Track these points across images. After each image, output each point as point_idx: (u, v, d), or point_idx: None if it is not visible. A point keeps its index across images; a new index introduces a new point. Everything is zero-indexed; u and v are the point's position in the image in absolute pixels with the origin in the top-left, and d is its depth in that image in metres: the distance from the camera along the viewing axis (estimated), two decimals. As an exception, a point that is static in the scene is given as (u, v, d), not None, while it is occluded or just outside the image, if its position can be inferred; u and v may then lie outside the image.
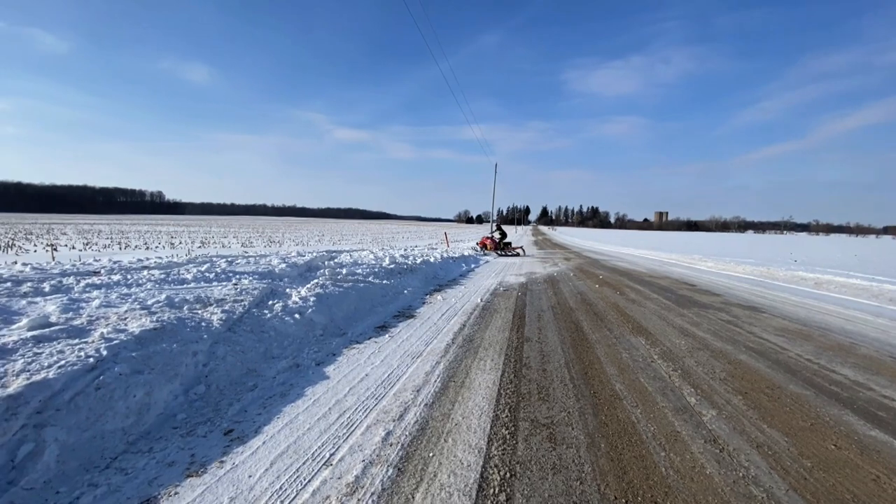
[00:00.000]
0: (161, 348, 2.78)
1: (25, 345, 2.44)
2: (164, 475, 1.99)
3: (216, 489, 1.90)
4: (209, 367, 2.99)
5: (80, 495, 1.82)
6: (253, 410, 2.68)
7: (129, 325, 2.93)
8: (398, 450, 2.25)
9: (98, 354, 2.45)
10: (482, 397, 2.95)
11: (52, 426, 2.00)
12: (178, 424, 2.45)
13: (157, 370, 2.60)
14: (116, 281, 4.21)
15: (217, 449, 2.24)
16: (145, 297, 3.67)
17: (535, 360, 3.79)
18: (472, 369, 3.51)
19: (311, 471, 2.04)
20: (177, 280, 4.62)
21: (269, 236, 32.06)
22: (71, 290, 3.78)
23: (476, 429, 2.50)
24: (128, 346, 2.66)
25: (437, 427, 2.51)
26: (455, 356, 3.84)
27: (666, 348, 4.22)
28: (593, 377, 3.39)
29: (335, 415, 2.64)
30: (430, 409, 2.76)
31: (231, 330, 3.51)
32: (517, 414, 2.70)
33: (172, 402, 2.60)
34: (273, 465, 2.08)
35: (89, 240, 22.60)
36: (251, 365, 3.25)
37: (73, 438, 2.03)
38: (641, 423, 2.61)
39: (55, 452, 1.93)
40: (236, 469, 2.05)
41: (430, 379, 3.28)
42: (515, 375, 3.38)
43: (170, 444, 2.26)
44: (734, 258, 15.50)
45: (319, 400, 2.86)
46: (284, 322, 4.05)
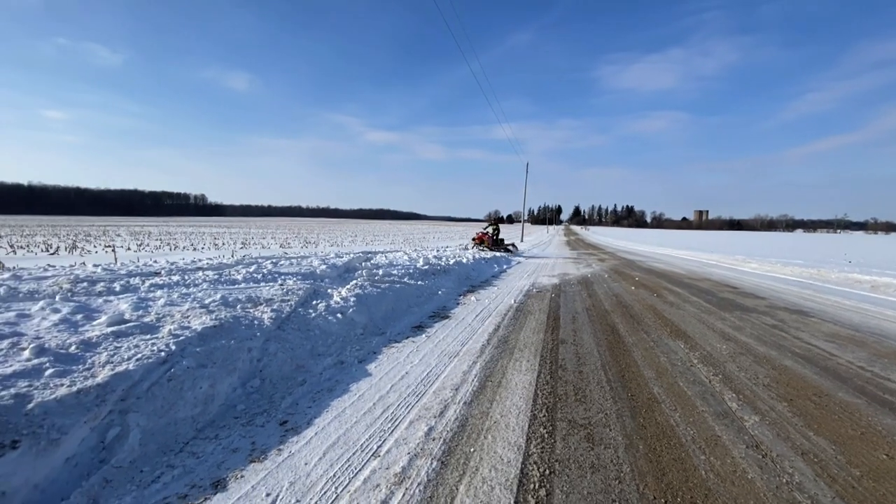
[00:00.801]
0: (221, 344, 3.02)
1: (107, 339, 2.73)
2: (229, 460, 2.19)
3: (276, 474, 2.08)
4: (263, 362, 3.21)
5: (160, 475, 2.04)
6: (304, 404, 2.87)
7: (191, 323, 3.19)
8: (441, 444, 2.37)
9: (168, 349, 2.70)
10: (519, 397, 3.03)
11: (134, 412, 2.24)
12: (238, 414, 2.67)
13: (218, 364, 2.83)
14: (176, 281, 4.55)
15: (274, 438, 2.43)
16: (203, 297, 3.97)
17: (571, 361, 3.83)
18: (509, 370, 3.59)
19: (360, 461, 2.19)
20: (228, 280, 4.94)
21: (304, 237, 33.09)
22: (138, 289, 4.13)
23: (514, 427, 2.58)
24: (192, 341, 2.91)
25: (476, 424, 2.61)
26: (491, 356, 3.94)
27: (706, 352, 4.16)
28: (630, 380, 3.40)
29: (379, 410, 2.79)
30: (469, 406, 2.86)
31: (280, 328, 3.74)
32: (554, 414, 2.77)
33: (232, 394, 2.83)
34: (326, 455, 2.24)
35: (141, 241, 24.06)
36: (300, 361, 3.46)
37: (152, 424, 2.26)
38: (681, 427, 2.62)
39: (138, 436, 2.16)
40: (293, 457, 2.23)
41: (468, 378, 3.39)
42: (552, 377, 3.44)
43: (232, 432, 2.47)
44: (781, 259, 14.80)
45: (364, 395, 3.02)
46: (328, 321, 4.26)
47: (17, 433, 1.85)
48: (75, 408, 2.07)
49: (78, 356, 2.45)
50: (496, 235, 17.30)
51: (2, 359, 2.30)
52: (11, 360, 2.30)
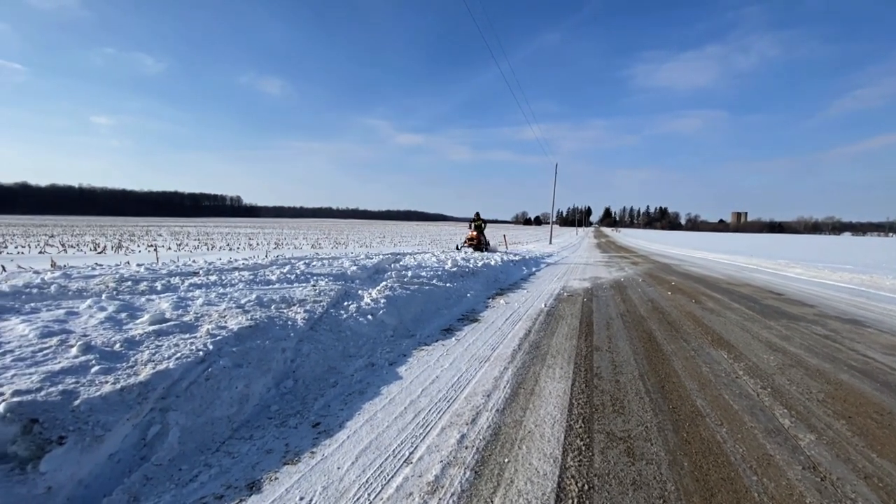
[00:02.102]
0: (256, 344, 3.07)
1: (149, 337, 2.81)
2: (264, 461, 2.21)
3: (310, 477, 2.07)
4: (296, 363, 3.24)
5: (198, 473, 2.07)
6: (336, 406, 2.88)
7: (228, 323, 3.26)
8: (474, 453, 2.31)
9: (206, 348, 2.76)
10: (553, 406, 2.94)
11: (174, 411, 2.28)
12: (272, 415, 2.69)
13: (253, 364, 2.87)
14: (213, 281, 4.68)
15: (307, 440, 2.43)
16: (239, 297, 4.05)
17: (607, 370, 3.70)
18: (542, 377, 3.50)
19: (393, 467, 2.16)
20: (263, 281, 5.04)
21: (334, 238, 33.70)
22: (178, 288, 4.26)
23: (550, 438, 2.50)
24: (229, 341, 2.96)
25: (510, 433, 2.54)
26: (523, 362, 3.85)
27: (752, 363, 3.93)
28: (671, 391, 3.25)
29: (411, 415, 2.76)
30: (501, 414, 2.79)
31: (313, 329, 3.77)
32: (591, 425, 2.66)
33: (266, 394, 2.86)
34: (358, 460, 2.23)
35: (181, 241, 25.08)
36: (332, 363, 3.48)
37: (190, 422, 2.31)
38: (728, 444, 2.47)
39: (177, 434, 2.21)
40: (326, 460, 2.22)
41: (500, 384, 3.31)
42: (587, 385, 3.32)
43: (266, 433, 2.49)
44: (828, 264, 13.97)
45: (395, 399, 3.00)
46: (359, 322, 4.28)
47: (63, 429, 1.91)
48: (119, 405, 2.13)
49: (122, 354, 2.53)
50: (480, 233, 15.88)
51: (51, 355, 2.40)
52: (60, 356, 2.40)
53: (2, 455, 1.78)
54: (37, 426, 1.87)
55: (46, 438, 1.84)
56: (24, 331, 2.66)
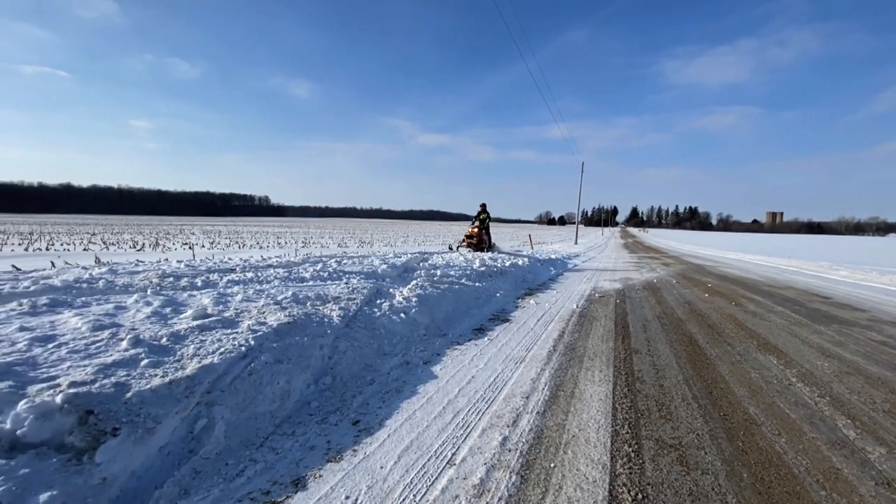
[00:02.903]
0: (295, 341, 3.08)
1: (193, 332, 2.86)
2: (307, 458, 2.20)
3: (353, 476, 2.05)
4: (333, 360, 3.25)
5: (244, 468, 2.08)
6: (374, 404, 2.86)
7: (268, 319, 3.29)
8: (518, 456, 2.25)
9: (248, 344, 2.79)
10: (596, 410, 2.84)
11: (220, 405, 2.31)
12: (312, 412, 2.69)
13: (293, 360, 2.88)
14: (250, 278, 4.76)
15: (348, 438, 2.42)
16: (275, 294, 4.10)
17: (649, 374, 3.56)
18: (580, 380, 3.40)
19: (436, 468, 2.12)
20: (297, 278, 5.10)
21: (359, 237, 34.10)
22: (217, 285, 4.35)
23: (595, 443, 2.41)
24: (269, 337, 2.99)
25: (553, 437, 2.46)
26: (559, 364, 3.75)
27: (805, 370, 3.72)
28: (720, 397, 3.09)
29: (450, 415, 2.71)
30: (542, 417, 2.71)
31: (348, 326, 3.78)
32: (638, 431, 2.56)
33: (305, 390, 2.87)
34: (401, 459, 2.19)
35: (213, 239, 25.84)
36: (368, 360, 3.47)
37: (235, 417, 2.32)
38: (790, 455, 2.32)
39: (223, 429, 2.22)
40: (368, 459, 2.20)
41: (538, 386, 3.23)
42: (629, 390, 3.21)
43: (308, 429, 2.49)
44: (875, 266, 13.21)
45: (432, 399, 2.96)
46: (392, 321, 4.26)
47: (117, 421, 1.94)
48: (168, 398, 2.16)
49: (169, 348, 2.58)
50: (483, 230, 13.15)
51: (103, 348, 2.47)
52: (111, 349, 2.46)
53: (59, 445, 1.82)
54: (92, 417, 1.91)
55: (101, 430, 1.88)
56: (77, 324, 2.75)
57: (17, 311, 2.90)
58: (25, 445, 1.78)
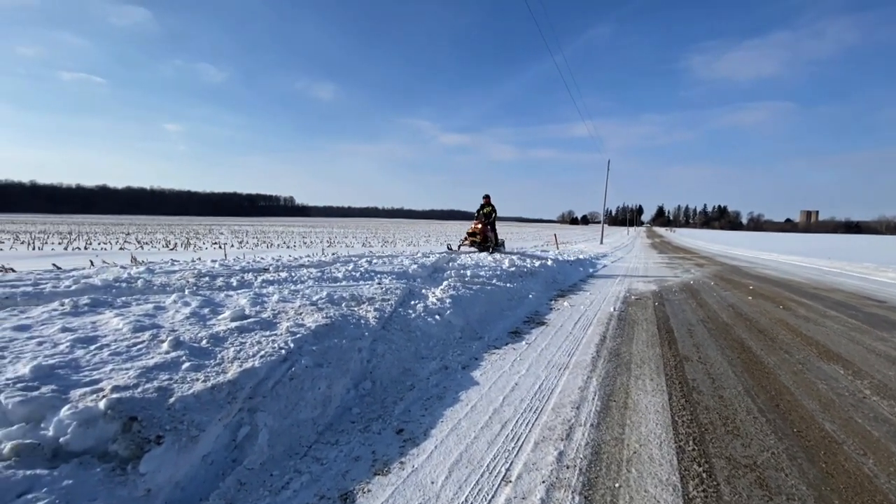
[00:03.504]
0: (334, 343, 2.98)
1: (232, 334, 2.79)
2: (353, 470, 2.08)
3: (404, 492, 1.92)
4: (372, 363, 3.14)
5: (289, 480, 1.97)
6: (416, 411, 2.73)
7: (305, 321, 3.20)
8: (577, 474, 2.07)
9: (287, 346, 2.70)
10: (655, 423, 2.64)
11: (262, 411, 2.21)
12: (354, 419, 2.58)
13: (333, 364, 2.78)
14: (284, 278, 4.72)
15: (393, 448, 2.29)
16: (310, 294, 4.03)
17: (705, 383, 3.32)
18: (631, 389, 3.19)
19: (491, 486, 1.97)
20: (330, 278, 5.04)
21: (382, 237, 34.26)
22: (252, 285, 4.32)
23: (660, 460, 2.21)
24: (308, 339, 2.90)
25: (612, 453, 2.28)
26: (606, 372, 3.55)
27: (878, 381, 3.41)
28: (789, 412, 2.84)
29: (497, 425, 2.56)
30: (597, 430, 2.53)
31: (385, 328, 3.67)
32: (705, 448, 2.35)
33: (346, 395, 2.76)
34: (452, 474, 2.05)
35: (241, 239, 26.36)
36: (406, 364, 3.35)
37: (278, 424, 2.23)
38: (881, 479, 2.08)
39: (266, 436, 2.13)
40: (417, 473, 2.06)
41: (587, 396, 3.04)
42: (687, 401, 2.98)
43: (351, 438, 2.38)
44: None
45: (476, 407, 2.81)
46: (427, 323, 4.14)
47: (161, 428, 1.86)
48: (210, 404, 2.07)
49: (209, 351, 2.51)
50: (488, 226, 11.49)
51: (144, 350, 2.41)
52: (153, 351, 2.40)
53: (102, 454, 1.75)
54: (136, 424, 1.84)
55: (145, 437, 1.80)
56: (118, 324, 2.71)
57: (59, 312, 2.89)
58: (68, 454, 1.71)
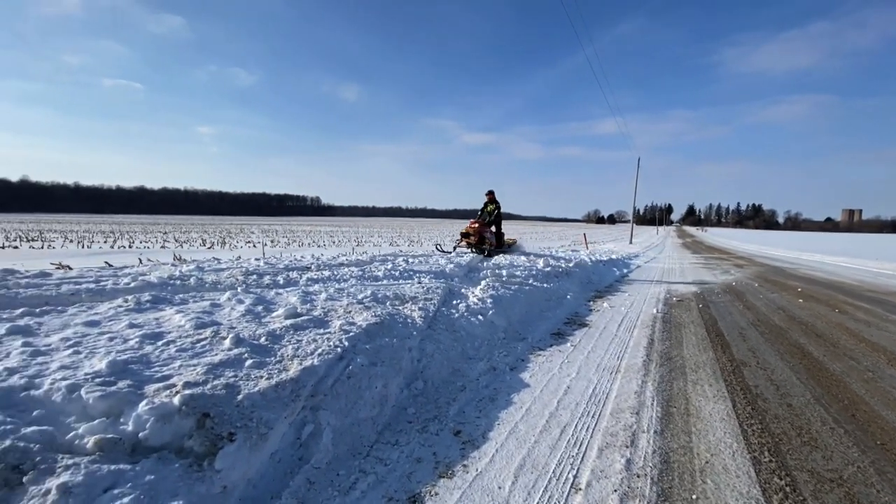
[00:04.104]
0: (385, 342, 2.97)
1: (287, 332, 2.81)
2: (417, 471, 2.06)
3: (472, 496, 1.88)
4: (422, 363, 3.11)
5: (355, 481, 1.96)
6: (471, 413, 2.69)
7: (355, 319, 3.21)
8: (650, 484, 1.99)
9: (342, 345, 2.70)
10: (722, 431, 2.51)
11: (324, 410, 2.21)
12: (410, 419, 2.56)
13: (386, 363, 2.77)
14: (327, 276, 4.77)
15: (454, 450, 2.25)
16: (355, 292, 4.05)
17: (769, 390, 3.16)
18: (691, 395, 3.06)
19: (561, 493, 1.91)
20: (371, 277, 5.06)
21: (407, 236, 34.44)
22: (297, 283, 4.38)
23: (736, 472, 2.10)
24: (360, 338, 2.89)
25: (683, 462, 2.18)
26: (660, 376, 3.42)
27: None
28: (867, 422, 2.66)
29: (556, 430, 2.49)
30: (662, 438, 2.43)
31: (430, 328, 3.65)
32: (783, 460, 2.21)
33: (400, 395, 2.75)
34: (518, 480, 2.00)
35: (273, 238, 26.97)
36: (454, 364, 3.32)
37: (339, 423, 2.23)
38: None
39: (330, 435, 2.13)
40: (482, 477, 2.02)
41: (644, 401, 2.93)
42: (753, 409, 2.84)
43: (410, 438, 2.35)
44: None
45: (531, 410, 2.75)
46: (471, 323, 4.09)
47: (232, 425, 1.88)
48: (275, 402, 2.09)
49: (268, 348, 2.54)
50: (488, 225, 10.02)
51: (208, 347, 2.45)
52: (216, 348, 2.44)
53: (179, 450, 1.77)
54: (209, 421, 1.86)
55: (218, 434, 1.82)
56: (180, 321, 2.78)
57: (124, 308, 2.99)
58: (147, 449, 1.74)
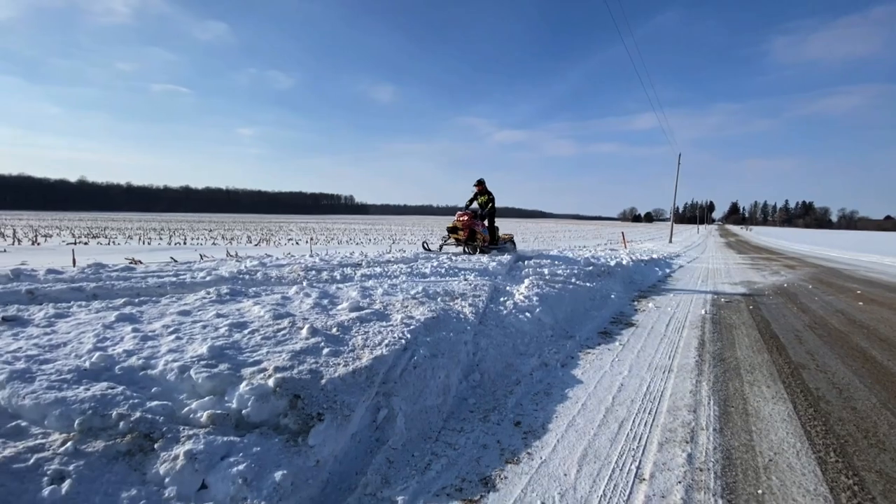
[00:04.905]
0: (442, 336, 3.12)
1: (354, 323, 3.01)
2: (484, 457, 2.19)
3: (540, 481, 1.99)
4: (478, 356, 3.25)
5: (429, 462, 2.11)
6: (528, 406, 2.80)
7: (413, 313, 3.38)
8: (713, 478, 2.04)
9: (405, 337, 2.87)
10: (784, 432, 2.51)
11: (396, 396, 2.38)
12: (471, 409, 2.70)
13: (446, 355, 2.92)
14: (379, 273, 4.99)
15: (516, 439, 2.37)
16: (407, 288, 4.23)
17: (831, 393, 3.10)
18: (748, 395, 3.05)
19: (626, 482, 1.99)
20: (419, 273, 5.25)
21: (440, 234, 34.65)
22: (353, 278, 4.61)
23: (801, 470, 2.11)
24: (420, 331, 3.06)
25: (745, 460, 2.21)
26: (715, 376, 3.41)
27: None
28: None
29: (614, 424, 2.56)
30: (722, 436, 2.46)
31: (482, 323, 3.77)
32: (850, 461, 2.21)
33: (460, 386, 2.89)
34: (583, 468, 2.10)
35: (311, 236, 27.84)
36: (507, 359, 3.43)
37: (410, 408, 2.39)
38: None
39: (402, 420, 2.29)
40: (547, 464, 2.13)
41: (700, 400, 2.95)
42: (816, 411, 2.80)
43: (474, 426, 2.49)
44: None
45: (587, 405, 2.82)
46: (519, 320, 4.19)
47: (319, 406, 2.07)
48: (354, 387, 2.27)
49: (340, 338, 2.73)
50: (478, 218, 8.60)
51: (288, 335, 2.67)
52: (295, 337, 2.65)
53: (276, 426, 1.98)
54: (300, 402, 2.06)
55: (309, 414, 2.01)
56: (259, 312, 3.03)
57: (208, 300, 3.28)
58: (249, 425, 1.95)
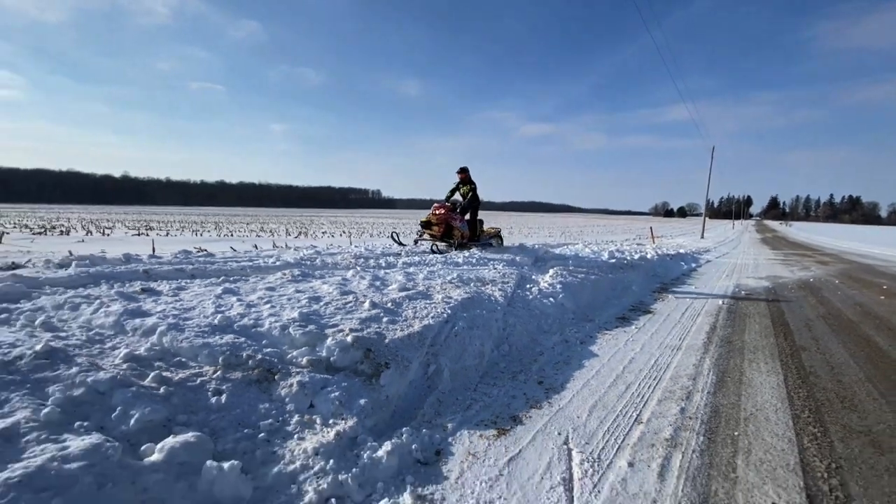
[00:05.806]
0: (477, 313, 3.69)
1: (404, 301, 3.62)
2: (514, 403, 2.75)
3: (557, 420, 2.54)
4: (507, 331, 3.80)
5: (470, 404, 2.70)
6: (550, 370, 3.34)
7: (451, 294, 3.96)
8: (699, 423, 2.53)
9: (447, 312, 3.45)
10: (770, 395, 2.96)
11: (442, 356, 2.97)
12: (502, 371, 3.27)
13: (481, 328, 3.49)
14: (417, 261, 5.61)
15: (539, 392, 2.93)
16: (444, 274, 4.82)
17: (823, 369, 3.50)
18: (745, 369, 3.49)
19: (627, 423, 2.51)
20: (452, 263, 5.83)
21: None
22: (395, 265, 5.24)
23: (776, 421, 2.58)
24: (458, 308, 3.64)
25: (730, 413, 2.69)
26: (719, 354, 3.85)
27: None
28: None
29: (622, 385, 3.07)
30: (714, 396, 2.93)
31: (510, 305, 4.32)
32: (821, 417, 2.65)
33: (492, 353, 3.46)
34: (593, 413, 2.63)
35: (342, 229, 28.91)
36: (532, 335, 3.97)
37: (453, 366, 2.98)
38: None
39: (447, 373, 2.88)
40: (564, 410, 2.67)
41: (701, 371, 3.42)
42: (803, 382, 3.23)
43: (505, 382, 3.06)
44: None
45: (601, 372, 3.34)
46: (543, 304, 4.71)
47: (385, 358, 2.68)
48: (409, 346, 2.87)
49: (394, 311, 3.35)
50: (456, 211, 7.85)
51: (354, 307, 3.31)
52: (359, 308, 3.28)
53: (354, 371, 2.60)
54: (371, 354, 2.67)
55: (378, 363, 2.63)
56: (329, 289, 3.68)
57: (285, 279, 3.96)
58: (336, 369, 2.58)
